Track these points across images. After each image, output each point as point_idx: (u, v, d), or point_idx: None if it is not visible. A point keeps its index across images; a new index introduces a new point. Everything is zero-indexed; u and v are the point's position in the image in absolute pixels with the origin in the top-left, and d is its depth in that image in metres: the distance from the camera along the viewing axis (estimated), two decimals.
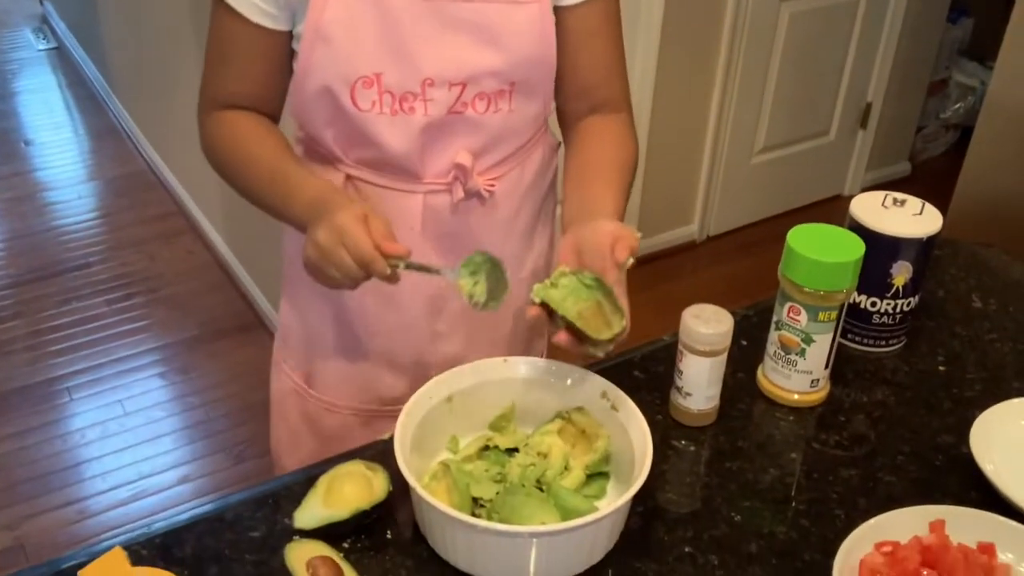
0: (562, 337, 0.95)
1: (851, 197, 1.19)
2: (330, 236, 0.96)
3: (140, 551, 0.92)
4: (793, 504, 1.00)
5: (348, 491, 0.94)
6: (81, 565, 0.88)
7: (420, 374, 1.21)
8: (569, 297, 0.94)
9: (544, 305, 0.95)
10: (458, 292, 1.00)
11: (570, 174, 1.14)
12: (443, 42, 1.03)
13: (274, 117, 1.15)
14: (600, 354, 0.96)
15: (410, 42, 1.03)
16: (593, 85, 1.15)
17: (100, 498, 2.31)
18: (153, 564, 0.90)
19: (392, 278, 0.97)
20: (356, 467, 0.97)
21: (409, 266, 0.97)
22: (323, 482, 0.96)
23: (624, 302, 0.95)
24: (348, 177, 1.12)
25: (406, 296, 1.17)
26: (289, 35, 1.07)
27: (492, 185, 1.14)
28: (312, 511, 0.93)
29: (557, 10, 1.09)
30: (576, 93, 1.16)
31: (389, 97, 1.05)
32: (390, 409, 1.25)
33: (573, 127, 1.19)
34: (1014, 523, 0.93)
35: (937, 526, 0.92)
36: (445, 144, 1.09)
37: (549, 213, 1.27)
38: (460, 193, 1.11)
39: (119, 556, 0.88)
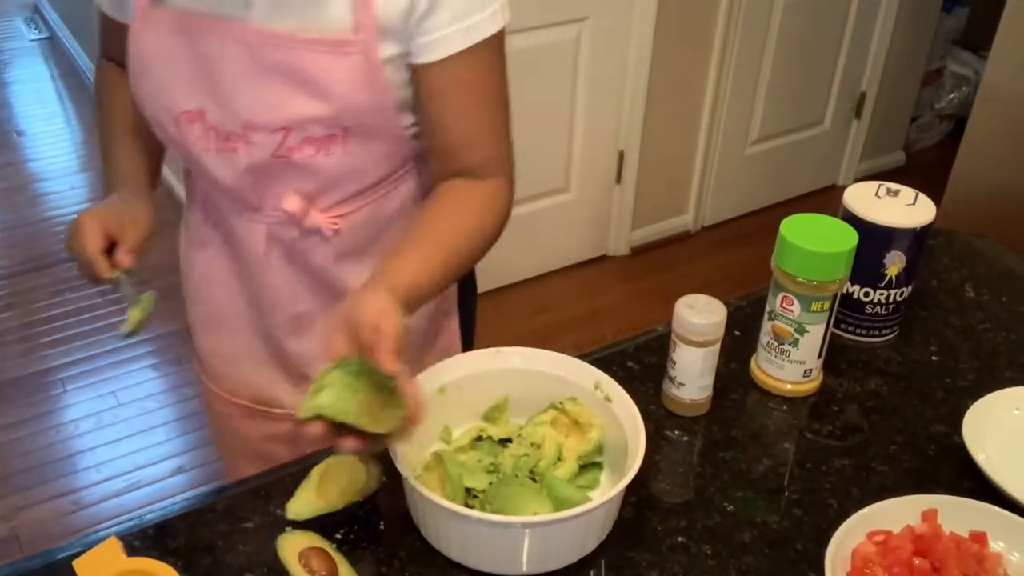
0: (349, 443, 0.82)
1: (846, 187, 1.19)
2: (70, 229, 0.99)
3: (133, 542, 0.92)
4: (786, 494, 1.00)
5: (341, 482, 0.94)
6: (75, 556, 0.88)
7: (294, 382, 1.19)
8: (341, 396, 0.81)
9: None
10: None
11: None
12: (260, 87, 0.96)
13: None
14: (393, 446, 0.87)
15: (227, 84, 0.97)
16: (457, 148, 1.03)
17: (95, 489, 2.31)
18: (147, 555, 0.90)
19: (114, 285, 1.00)
20: (349, 458, 0.97)
21: (120, 280, 1.01)
22: (316, 473, 0.96)
23: (409, 387, 0.83)
24: (206, 193, 1.12)
25: (270, 305, 1.14)
26: None
27: (335, 223, 1.06)
28: (305, 502, 0.93)
29: (414, 67, 0.98)
30: (440, 153, 1.05)
31: (214, 134, 1.01)
32: (264, 410, 1.23)
33: (434, 186, 1.07)
34: (1006, 512, 0.93)
35: (929, 515, 0.93)
36: (274, 185, 1.03)
37: None
38: (294, 232, 1.07)
39: (114, 546, 0.88)
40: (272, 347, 1.18)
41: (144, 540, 0.93)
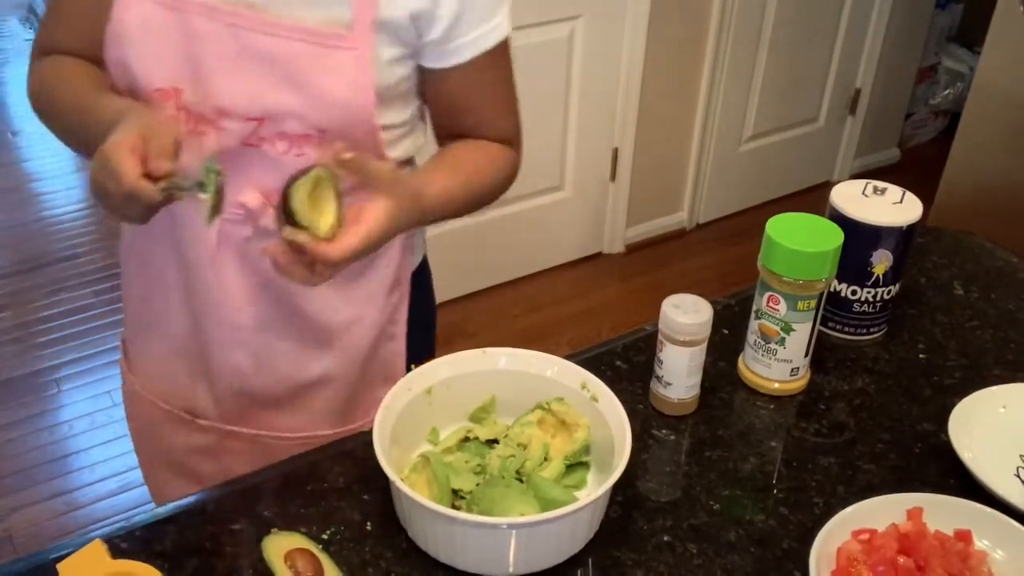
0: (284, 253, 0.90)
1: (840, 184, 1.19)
2: (97, 166, 0.87)
3: (121, 544, 0.92)
4: (773, 492, 1.00)
5: None
6: (63, 557, 0.88)
7: (219, 396, 1.16)
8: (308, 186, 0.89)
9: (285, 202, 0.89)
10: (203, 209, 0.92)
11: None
12: (240, 71, 0.95)
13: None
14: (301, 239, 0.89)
15: (206, 64, 0.95)
16: (472, 127, 1.10)
17: (88, 489, 2.31)
18: (134, 557, 0.90)
19: (167, 202, 0.89)
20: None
21: (171, 187, 0.88)
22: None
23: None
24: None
25: (210, 310, 1.10)
26: None
27: None
28: None
29: (430, 70, 1.03)
30: (457, 136, 1.11)
31: (186, 115, 0.98)
32: (189, 418, 1.20)
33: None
34: (991, 510, 0.93)
35: (915, 514, 0.93)
36: (236, 176, 0.98)
37: None
38: (248, 231, 1.04)
39: (99, 549, 0.88)
40: (203, 358, 1.15)
41: (132, 542, 0.93)
